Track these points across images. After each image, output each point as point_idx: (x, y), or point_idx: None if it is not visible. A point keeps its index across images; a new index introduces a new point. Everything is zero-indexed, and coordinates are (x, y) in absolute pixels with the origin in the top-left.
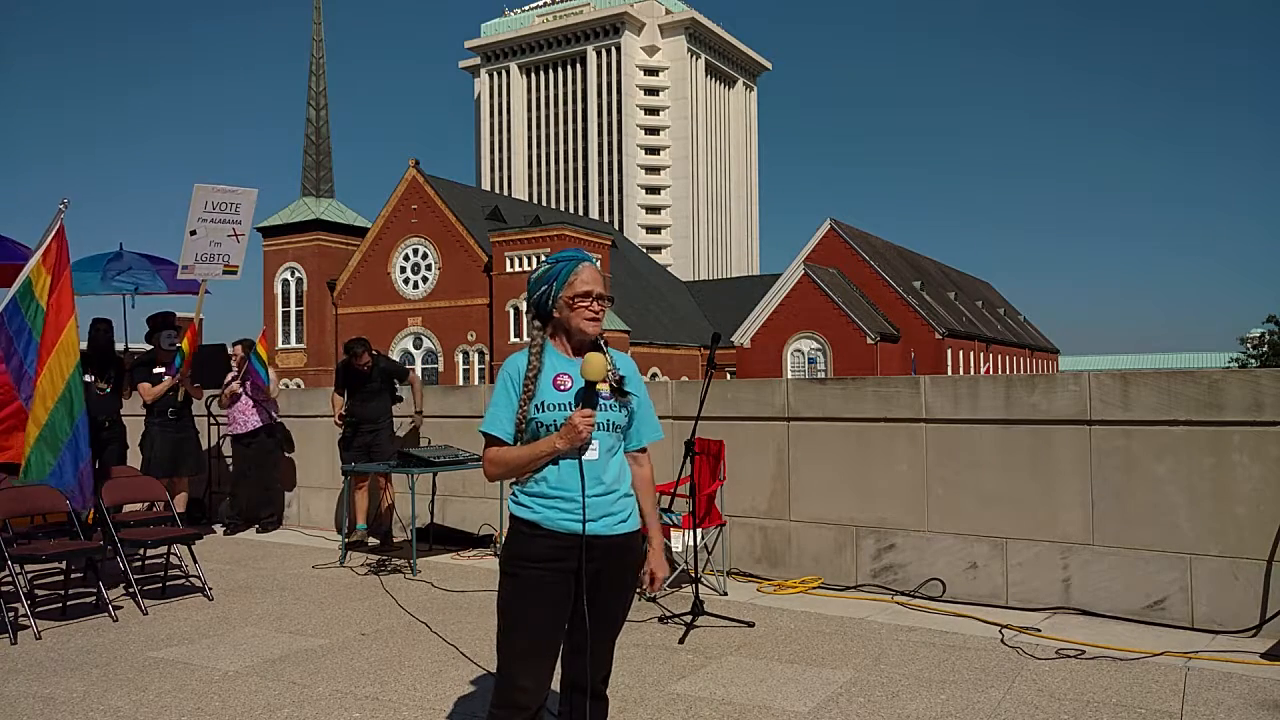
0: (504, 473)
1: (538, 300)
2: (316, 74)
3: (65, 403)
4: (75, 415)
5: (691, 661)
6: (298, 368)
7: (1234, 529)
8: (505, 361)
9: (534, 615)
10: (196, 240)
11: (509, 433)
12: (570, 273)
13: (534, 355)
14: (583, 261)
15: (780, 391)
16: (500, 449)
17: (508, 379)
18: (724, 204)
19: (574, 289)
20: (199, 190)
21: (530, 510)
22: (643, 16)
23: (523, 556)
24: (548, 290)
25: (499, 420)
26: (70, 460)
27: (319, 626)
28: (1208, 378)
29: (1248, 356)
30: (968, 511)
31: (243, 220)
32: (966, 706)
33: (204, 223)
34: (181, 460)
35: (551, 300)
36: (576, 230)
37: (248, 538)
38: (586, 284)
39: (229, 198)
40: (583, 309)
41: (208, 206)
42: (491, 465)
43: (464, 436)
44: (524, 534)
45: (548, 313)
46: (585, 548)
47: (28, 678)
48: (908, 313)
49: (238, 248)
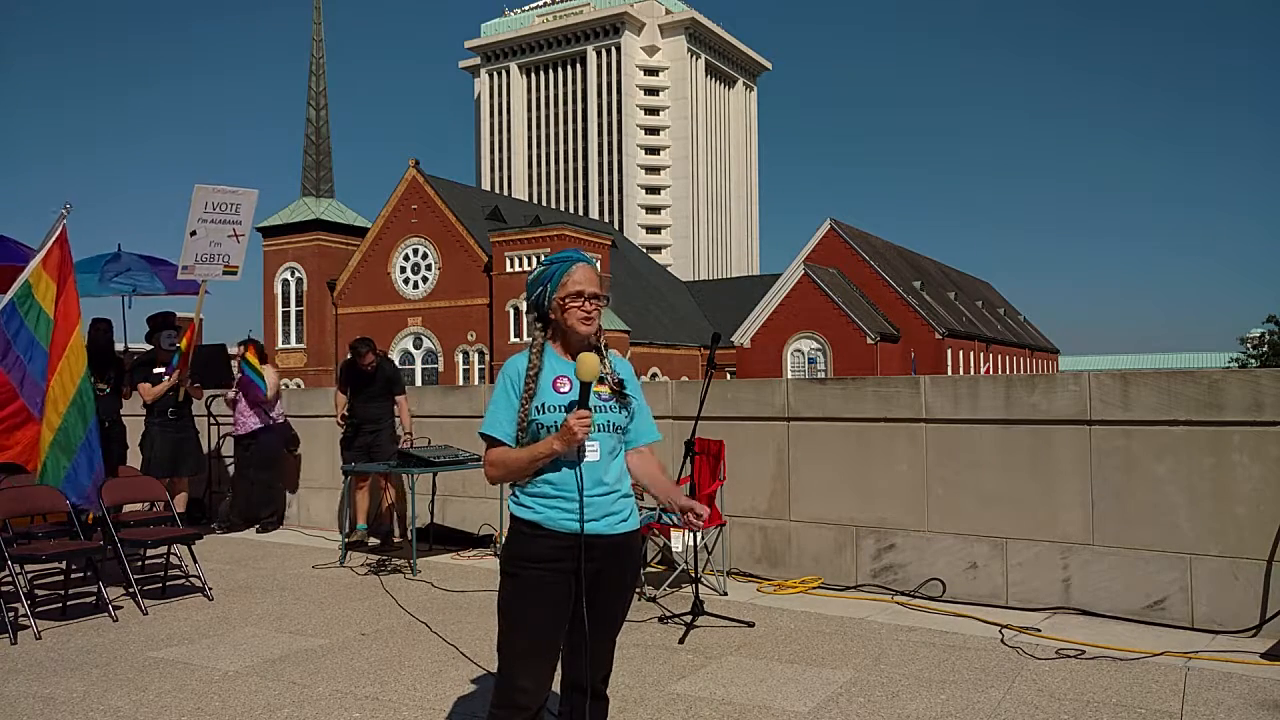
0: (505, 474)
1: (535, 302)
2: (316, 74)
3: (78, 406)
4: (88, 418)
5: (691, 661)
6: (298, 368)
7: (1234, 529)
8: (505, 363)
9: (535, 615)
10: (197, 240)
11: (510, 434)
12: (564, 273)
13: (534, 354)
14: (577, 262)
15: (780, 391)
16: (501, 450)
17: (507, 380)
18: (724, 204)
19: (566, 289)
20: (199, 191)
21: (531, 510)
22: (643, 16)
23: (524, 557)
24: (543, 291)
25: (499, 422)
26: (85, 463)
27: (319, 626)
28: (1208, 378)
29: (1248, 356)
30: (968, 511)
31: (243, 221)
32: (966, 706)
33: (204, 223)
34: (182, 460)
35: (547, 301)
36: (576, 230)
37: (248, 537)
38: (579, 284)
39: (229, 198)
40: (575, 309)
41: (208, 207)
42: (492, 467)
43: (464, 436)
44: (525, 534)
45: (545, 314)
46: (586, 547)
47: (28, 678)
48: (908, 313)
49: (238, 248)
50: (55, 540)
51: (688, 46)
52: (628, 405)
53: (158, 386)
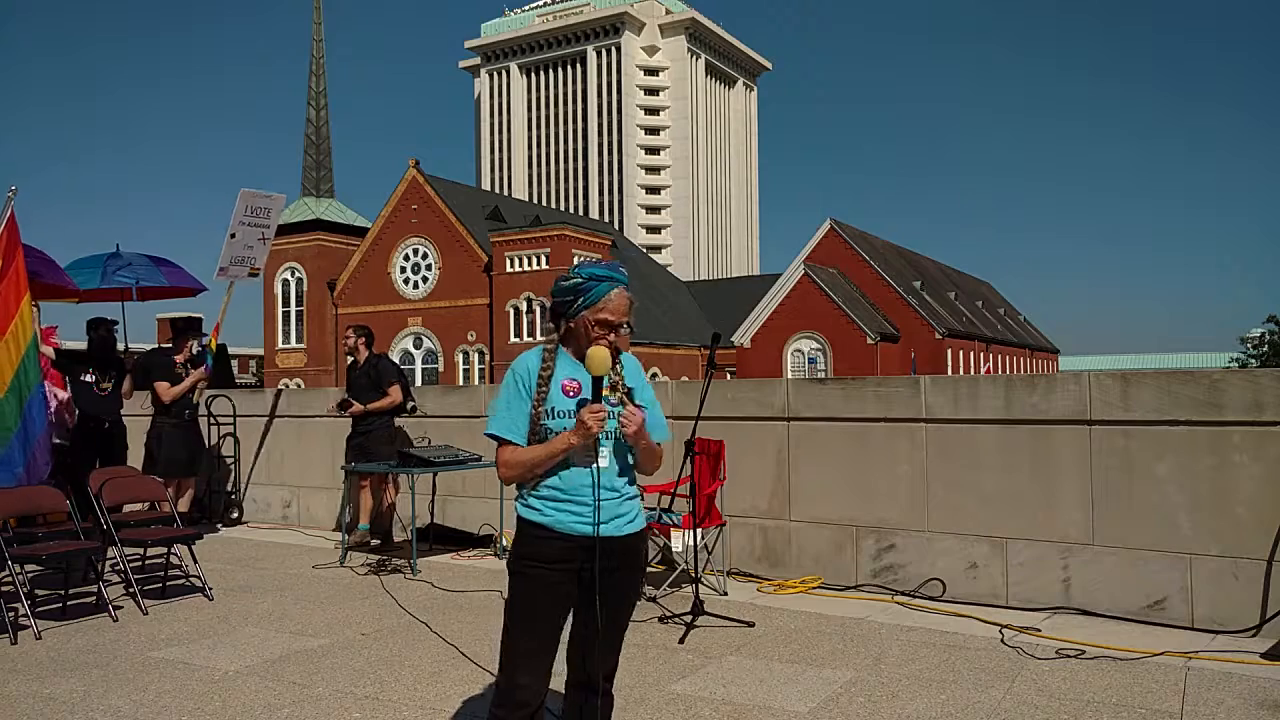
0: (519, 474)
1: (561, 305)
2: (316, 74)
3: (14, 392)
4: (24, 401)
5: (691, 661)
6: (297, 368)
7: (1234, 529)
8: (514, 362)
9: (541, 614)
10: (234, 243)
11: (522, 434)
12: (601, 295)
13: (548, 355)
14: (618, 286)
15: (780, 391)
16: (514, 450)
17: (517, 380)
18: (724, 204)
19: (598, 313)
20: (244, 195)
21: (540, 513)
22: (643, 16)
23: (532, 557)
24: (573, 302)
25: (510, 422)
26: (19, 448)
27: (319, 626)
28: (1208, 378)
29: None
30: (968, 511)
31: (271, 225)
32: (966, 706)
33: (243, 226)
34: (196, 461)
35: (574, 313)
36: (576, 230)
37: (249, 538)
38: (611, 314)
39: (264, 203)
40: (600, 337)
41: (248, 210)
42: (506, 468)
43: (464, 436)
44: (534, 536)
45: (566, 320)
46: (598, 549)
47: (28, 678)
48: (908, 313)
49: (263, 251)
50: (55, 540)
51: (688, 46)
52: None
53: (177, 387)
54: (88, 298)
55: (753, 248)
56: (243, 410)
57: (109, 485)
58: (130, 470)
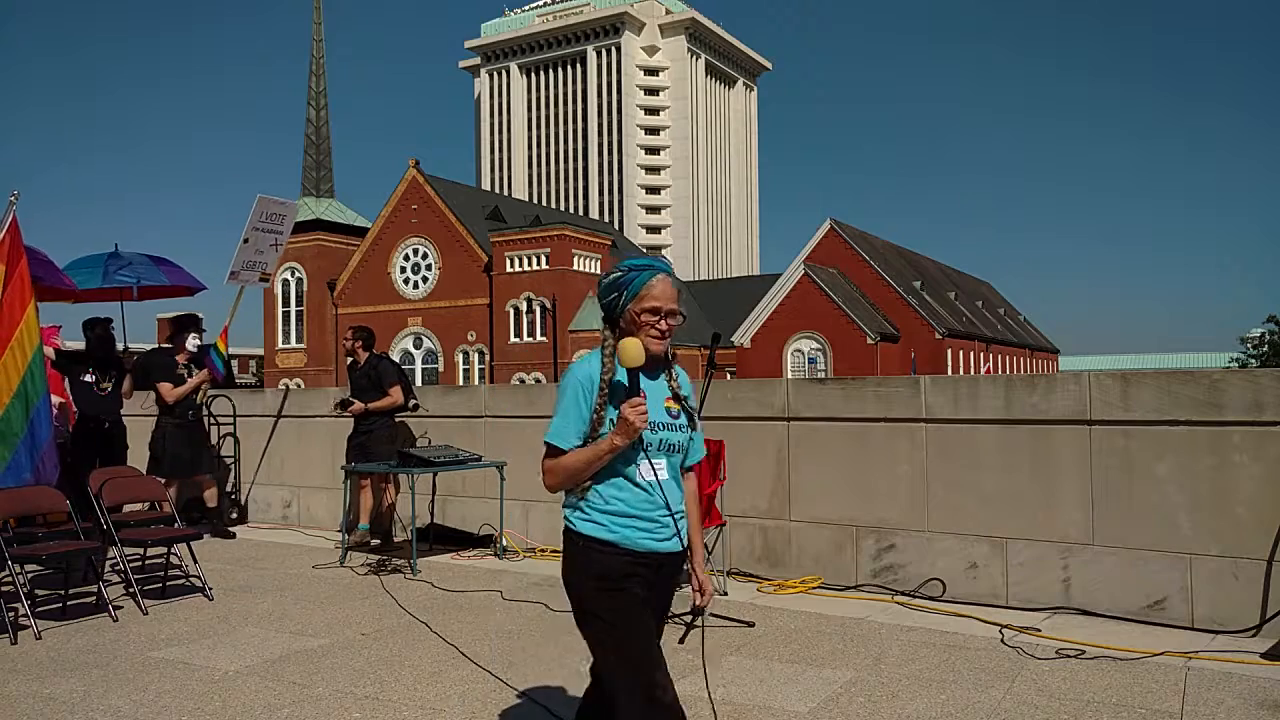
0: (564, 480)
1: (607, 306)
2: (316, 74)
3: (20, 399)
4: (31, 407)
5: (691, 661)
6: (298, 368)
7: (1234, 529)
8: (572, 368)
9: (642, 622)
10: (247, 248)
11: (572, 442)
12: (642, 284)
13: (606, 357)
14: (659, 273)
15: (780, 391)
16: (559, 458)
17: (579, 388)
18: (724, 204)
19: (643, 302)
20: (261, 201)
21: (606, 529)
22: (643, 16)
23: (609, 574)
24: (617, 298)
25: (567, 432)
26: (26, 455)
27: (319, 626)
28: (1208, 378)
29: (1248, 356)
30: (968, 511)
31: (284, 231)
32: (966, 706)
33: (257, 231)
34: (201, 460)
35: (620, 310)
36: (577, 230)
37: (249, 538)
38: (657, 299)
39: (280, 210)
40: (649, 325)
41: (264, 216)
42: (551, 475)
43: (464, 436)
44: (601, 552)
45: (615, 321)
46: (659, 564)
47: (28, 678)
48: (908, 313)
49: (275, 256)
50: (55, 540)
51: (688, 46)
52: (695, 425)
53: (181, 387)
54: (87, 298)
55: (753, 248)
56: (243, 410)
57: (109, 485)
58: (130, 470)
